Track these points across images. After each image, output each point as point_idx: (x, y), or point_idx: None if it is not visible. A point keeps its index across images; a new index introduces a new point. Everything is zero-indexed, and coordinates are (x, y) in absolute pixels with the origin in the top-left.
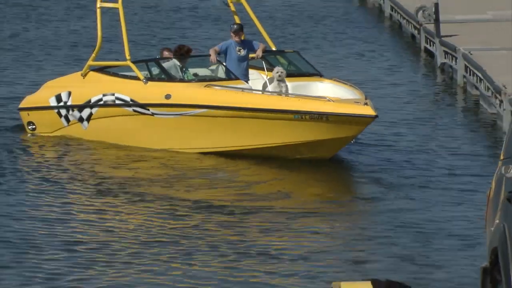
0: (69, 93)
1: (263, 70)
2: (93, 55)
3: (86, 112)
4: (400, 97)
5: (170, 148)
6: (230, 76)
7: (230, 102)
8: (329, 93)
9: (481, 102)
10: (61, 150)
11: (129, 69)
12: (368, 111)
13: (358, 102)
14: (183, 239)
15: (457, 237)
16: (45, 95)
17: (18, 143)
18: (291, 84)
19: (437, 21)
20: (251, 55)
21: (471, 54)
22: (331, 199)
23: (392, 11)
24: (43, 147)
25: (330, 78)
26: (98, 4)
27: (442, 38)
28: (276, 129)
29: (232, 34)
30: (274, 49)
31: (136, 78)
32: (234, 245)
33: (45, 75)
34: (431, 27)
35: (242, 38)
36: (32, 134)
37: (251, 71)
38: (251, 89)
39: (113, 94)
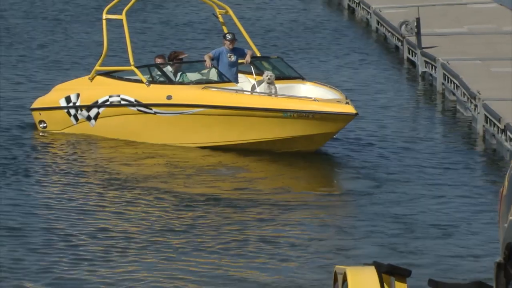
0: (78, 95)
1: (251, 74)
2: (100, 61)
3: (93, 112)
4: (386, 102)
5: (170, 143)
6: (223, 79)
7: (226, 102)
8: (311, 94)
9: (458, 107)
10: (73, 147)
11: (132, 73)
12: (350, 109)
13: (340, 102)
14: (191, 227)
15: (437, 227)
16: (56, 96)
17: (32, 140)
18: (277, 86)
19: (418, 34)
20: (240, 61)
21: (448, 63)
22: (324, 193)
23: (378, 25)
24: (55, 144)
25: (311, 80)
26: (104, 16)
27: (423, 49)
28: (267, 126)
29: (226, 41)
30: (259, 55)
31: (139, 81)
32: (236, 233)
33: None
34: (413, 39)
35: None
36: (44, 132)
37: (239, 75)
38: (244, 91)
39: (118, 96)
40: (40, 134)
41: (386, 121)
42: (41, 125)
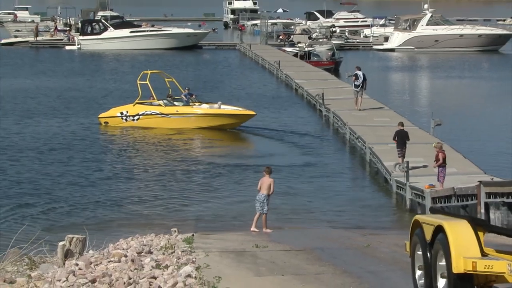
0: (127, 111)
1: (195, 102)
2: (138, 98)
3: (136, 117)
4: (305, 127)
5: (177, 128)
6: (189, 104)
7: (204, 112)
8: (228, 108)
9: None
10: (124, 130)
11: (155, 103)
12: (252, 112)
13: (247, 110)
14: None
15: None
16: (113, 111)
17: (101, 131)
18: (205, 106)
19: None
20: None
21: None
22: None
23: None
24: (115, 130)
25: (220, 102)
26: (138, 82)
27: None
28: (220, 120)
29: (186, 90)
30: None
31: (160, 105)
32: (225, 177)
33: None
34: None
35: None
36: (106, 126)
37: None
38: (211, 107)
39: (150, 111)
40: (104, 126)
41: (303, 133)
42: (104, 123)
